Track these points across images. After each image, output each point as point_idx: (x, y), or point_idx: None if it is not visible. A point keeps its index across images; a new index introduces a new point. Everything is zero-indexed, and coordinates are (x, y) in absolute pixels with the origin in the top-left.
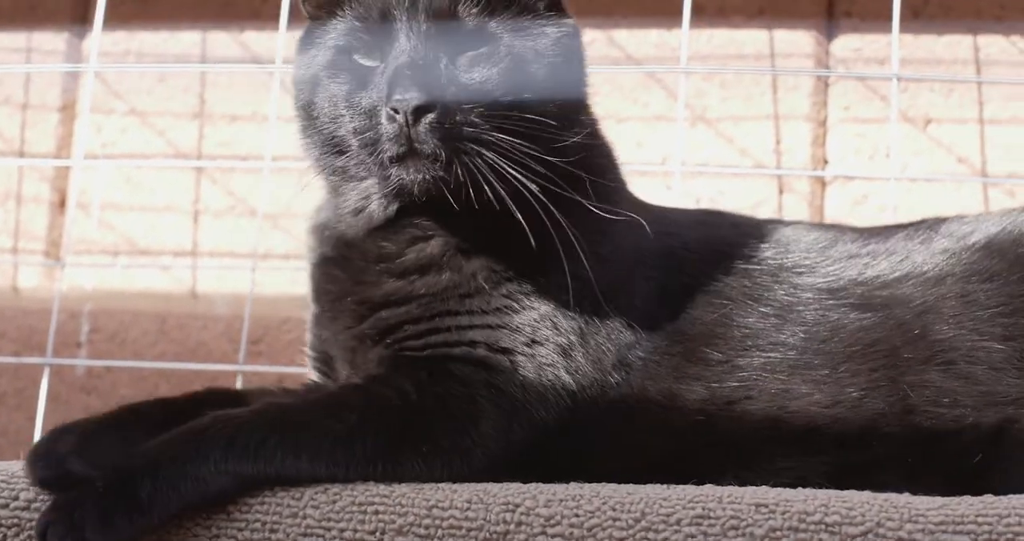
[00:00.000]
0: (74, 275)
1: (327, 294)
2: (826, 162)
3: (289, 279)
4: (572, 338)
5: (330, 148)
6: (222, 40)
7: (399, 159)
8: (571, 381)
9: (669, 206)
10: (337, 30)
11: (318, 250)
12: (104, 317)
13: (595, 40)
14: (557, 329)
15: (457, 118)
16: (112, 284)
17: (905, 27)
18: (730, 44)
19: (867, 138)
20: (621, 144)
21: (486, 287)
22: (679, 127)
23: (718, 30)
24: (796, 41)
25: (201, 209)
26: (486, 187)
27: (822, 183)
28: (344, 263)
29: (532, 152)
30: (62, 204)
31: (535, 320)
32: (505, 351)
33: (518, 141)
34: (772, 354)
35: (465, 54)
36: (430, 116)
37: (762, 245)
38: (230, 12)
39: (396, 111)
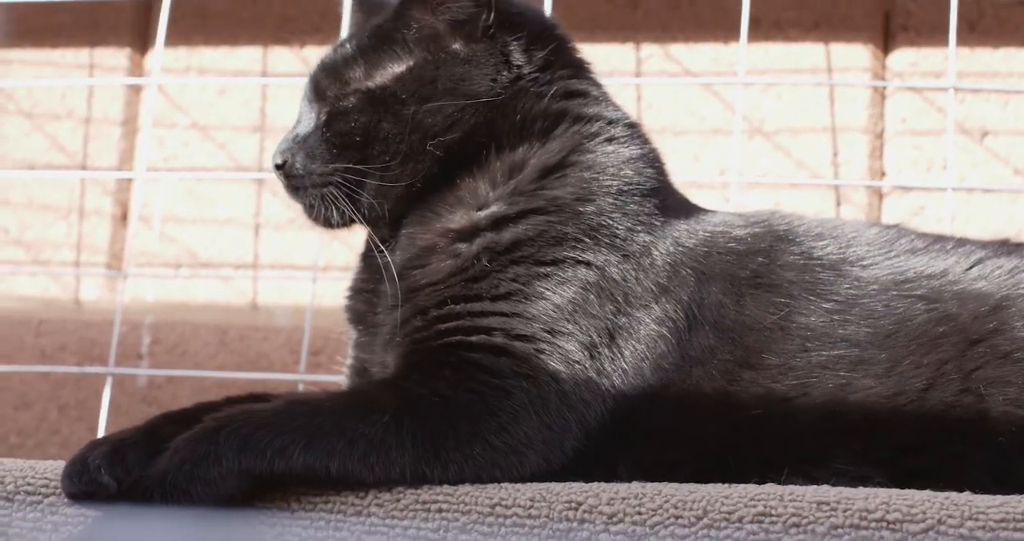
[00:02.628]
0: (136, 287)
1: (358, 316)
2: (883, 174)
3: None
4: (595, 337)
5: None
6: (282, 55)
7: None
8: (607, 384)
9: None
10: None
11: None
12: (165, 329)
13: (652, 55)
14: (578, 324)
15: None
16: (173, 296)
17: (961, 40)
18: (786, 57)
19: (924, 150)
20: (678, 157)
21: (492, 269)
22: (737, 139)
23: (774, 44)
24: (852, 54)
25: (262, 221)
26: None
27: (879, 194)
28: (373, 279)
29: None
30: (124, 217)
31: (552, 310)
32: (524, 338)
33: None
34: (833, 351)
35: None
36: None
37: (823, 241)
38: (289, 27)
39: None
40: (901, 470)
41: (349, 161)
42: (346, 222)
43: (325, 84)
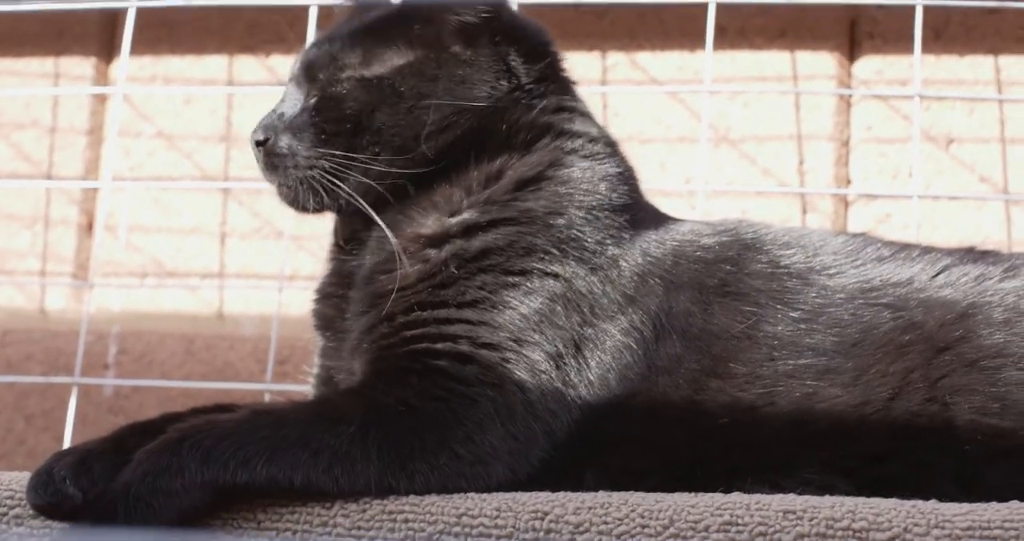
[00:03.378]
0: (102, 297)
1: (325, 321)
2: (849, 182)
3: None
4: (561, 348)
5: None
6: (248, 64)
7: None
8: (573, 394)
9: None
10: None
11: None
12: (132, 338)
13: (618, 63)
14: (544, 334)
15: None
16: (139, 306)
17: (927, 48)
18: (753, 65)
19: (890, 158)
20: (644, 165)
21: (460, 275)
22: (703, 147)
23: (740, 52)
24: (818, 62)
25: (228, 231)
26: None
27: (845, 202)
28: (342, 284)
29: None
30: (90, 226)
31: (518, 320)
32: (490, 346)
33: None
34: (800, 360)
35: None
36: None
37: (790, 249)
38: (256, 36)
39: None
40: (868, 479)
41: (337, 148)
42: (320, 209)
43: (318, 66)
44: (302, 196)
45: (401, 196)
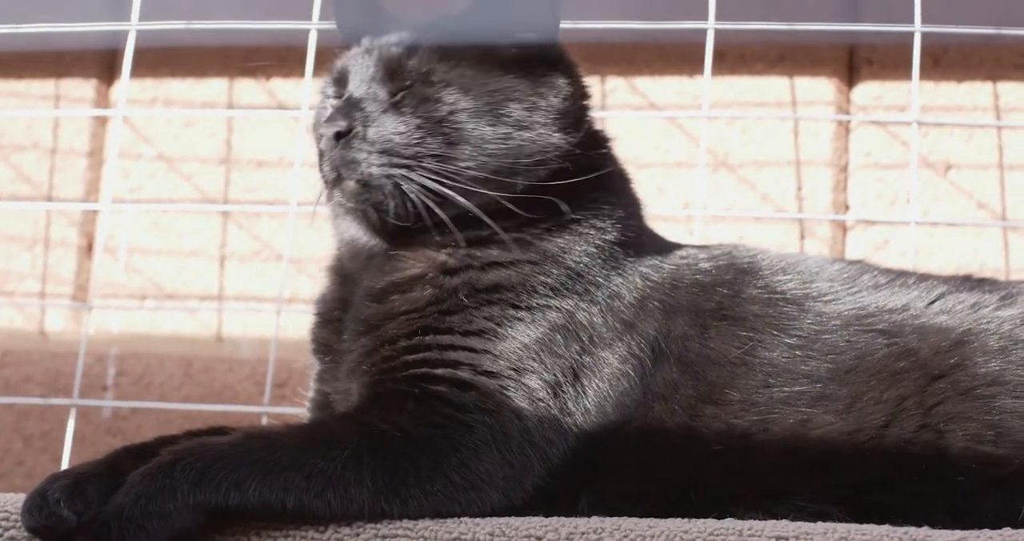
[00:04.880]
0: (101, 319)
1: (323, 345)
2: (847, 207)
3: None
4: (560, 376)
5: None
6: (248, 87)
7: (333, 183)
8: (570, 422)
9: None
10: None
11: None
12: (131, 360)
13: (617, 87)
14: (543, 363)
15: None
16: (139, 328)
17: (925, 75)
18: (751, 91)
19: (888, 183)
20: (643, 190)
21: (468, 304)
22: (701, 172)
23: (739, 78)
24: (817, 88)
25: (227, 254)
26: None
27: (843, 228)
28: (341, 308)
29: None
30: (89, 248)
31: (519, 349)
32: (490, 374)
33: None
34: (795, 387)
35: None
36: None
37: (786, 275)
38: (255, 60)
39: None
40: (860, 506)
41: (438, 151)
42: (400, 218)
43: (403, 63)
44: (387, 196)
45: (469, 222)
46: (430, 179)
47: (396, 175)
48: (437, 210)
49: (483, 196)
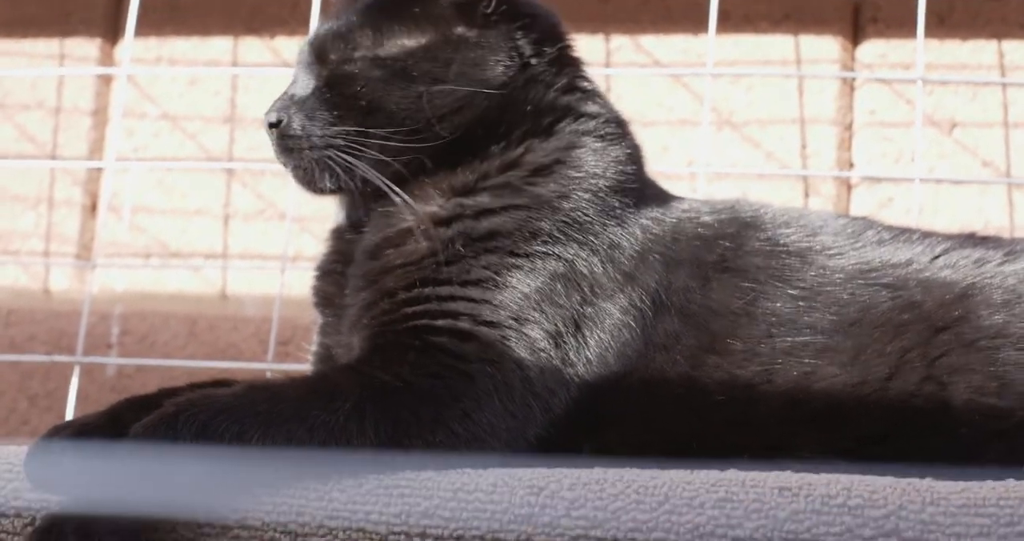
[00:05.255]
0: (105, 277)
1: (325, 298)
2: (852, 165)
3: None
4: (561, 326)
5: None
6: (253, 45)
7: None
8: (572, 372)
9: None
10: None
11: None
12: (135, 319)
13: (622, 46)
14: (544, 313)
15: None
16: (143, 286)
17: (930, 33)
18: (756, 49)
19: (893, 142)
20: (647, 148)
21: (465, 254)
22: (705, 130)
23: (744, 35)
24: (822, 46)
25: (231, 212)
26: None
27: (848, 185)
28: (342, 261)
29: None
30: (94, 207)
31: (519, 299)
32: (491, 324)
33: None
34: (798, 338)
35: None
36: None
37: (789, 228)
38: (259, 18)
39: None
40: (864, 459)
41: (351, 126)
42: (337, 190)
43: (329, 47)
44: (318, 177)
45: (417, 173)
46: (343, 158)
47: (317, 157)
48: (374, 179)
49: (405, 150)
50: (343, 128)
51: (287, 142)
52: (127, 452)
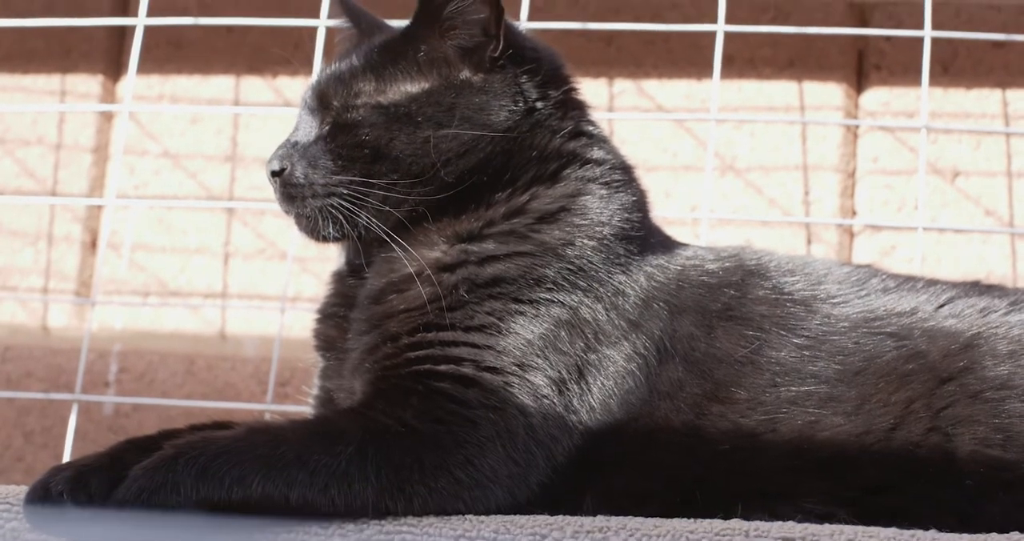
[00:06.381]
0: (104, 315)
1: (326, 341)
2: (854, 212)
3: None
4: (564, 373)
5: None
6: (255, 85)
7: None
8: (575, 420)
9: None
10: None
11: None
12: (133, 357)
13: (625, 90)
14: (548, 360)
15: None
16: (142, 324)
17: (934, 81)
18: (759, 95)
19: (895, 190)
20: (650, 193)
21: (469, 300)
22: (708, 176)
23: (748, 81)
24: (826, 93)
25: (232, 251)
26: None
27: (850, 233)
28: (344, 304)
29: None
30: (93, 244)
31: (523, 345)
32: (494, 370)
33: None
34: (803, 387)
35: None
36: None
37: (793, 277)
38: (262, 58)
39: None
40: (867, 509)
41: (354, 175)
42: (340, 238)
43: (331, 94)
44: (321, 225)
45: (419, 221)
46: (345, 207)
47: (320, 206)
48: (376, 229)
49: (406, 201)
50: (346, 177)
51: (290, 190)
52: (128, 496)
